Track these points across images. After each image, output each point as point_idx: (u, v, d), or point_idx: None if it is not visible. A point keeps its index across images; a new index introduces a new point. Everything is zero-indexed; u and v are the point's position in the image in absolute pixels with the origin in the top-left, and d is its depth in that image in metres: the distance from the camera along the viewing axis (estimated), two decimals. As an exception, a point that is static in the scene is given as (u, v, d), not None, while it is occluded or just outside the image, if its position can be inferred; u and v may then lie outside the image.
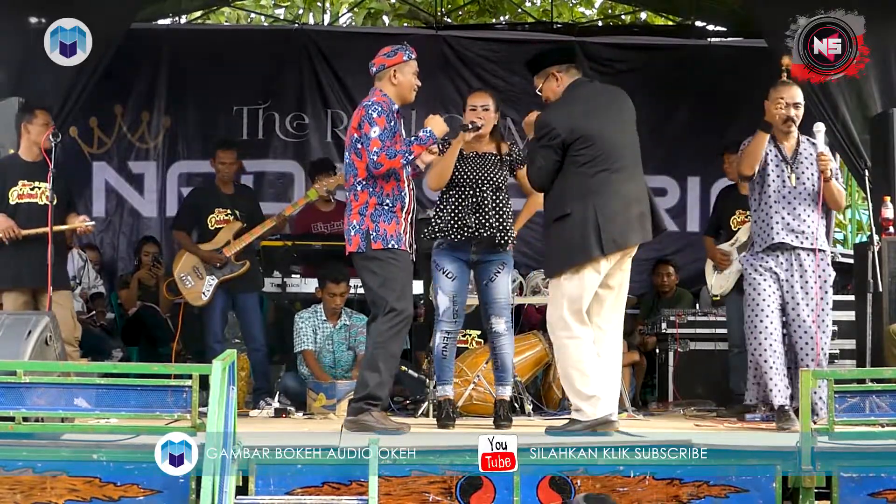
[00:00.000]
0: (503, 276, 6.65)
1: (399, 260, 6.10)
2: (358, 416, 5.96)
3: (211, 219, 8.05)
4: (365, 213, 6.08)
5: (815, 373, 5.31)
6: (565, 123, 5.90)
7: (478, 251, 6.61)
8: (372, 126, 6.00)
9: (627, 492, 5.12)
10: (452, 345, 6.69)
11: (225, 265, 7.95)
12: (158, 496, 4.98)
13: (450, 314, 6.62)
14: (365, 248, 6.08)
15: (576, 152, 5.89)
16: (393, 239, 6.07)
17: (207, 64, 10.22)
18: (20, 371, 5.02)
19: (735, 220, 7.90)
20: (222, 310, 8.02)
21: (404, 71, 6.23)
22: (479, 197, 6.57)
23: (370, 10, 13.13)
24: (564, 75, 6.10)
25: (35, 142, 7.10)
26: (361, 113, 6.09)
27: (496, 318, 6.65)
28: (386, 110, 6.06)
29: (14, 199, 7.11)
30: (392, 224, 6.08)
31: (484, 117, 6.64)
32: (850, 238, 11.67)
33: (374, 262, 6.08)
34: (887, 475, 5.14)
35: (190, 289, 7.99)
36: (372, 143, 5.99)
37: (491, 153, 6.69)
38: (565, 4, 12.77)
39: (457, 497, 5.09)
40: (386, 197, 6.10)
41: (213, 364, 4.81)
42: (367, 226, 6.07)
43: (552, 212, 5.99)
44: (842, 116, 7.92)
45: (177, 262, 8.09)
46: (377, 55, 6.28)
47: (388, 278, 6.05)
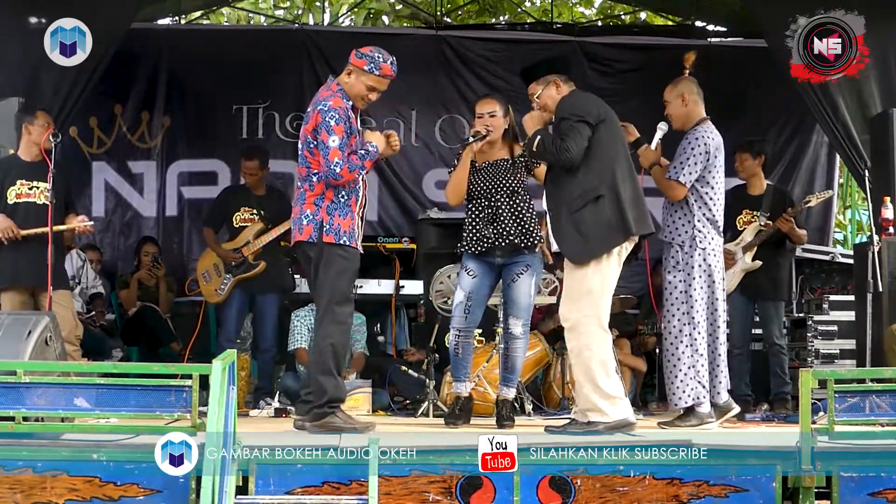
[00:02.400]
0: (525, 278, 6.60)
1: (347, 257, 6.04)
2: (323, 420, 5.89)
3: (236, 217, 8.14)
4: (320, 205, 6.01)
5: (815, 373, 5.30)
6: (594, 105, 6.00)
7: (503, 255, 6.60)
8: (330, 135, 5.90)
9: (627, 492, 5.13)
10: (465, 342, 6.65)
11: (241, 264, 7.99)
12: (158, 496, 4.98)
13: (461, 310, 6.59)
14: (316, 240, 5.99)
15: (605, 133, 5.96)
16: (345, 235, 6.00)
17: (207, 64, 10.22)
18: (20, 371, 5.02)
19: (741, 219, 7.91)
20: (239, 310, 8.07)
21: (360, 78, 6.05)
22: (494, 207, 6.57)
23: (370, 10, 13.13)
24: (564, 85, 6.16)
25: (35, 142, 7.11)
26: (318, 118, 5.97)
27: (514, 319, 6.62)
28: (343, 116, 5.95)
29: (12, 199, 7.11)
30: (347, 219, 6.01)
31: (491, 124, 6.61)
32: (850, 238, 11.68)
33: (322, 255, 6.02)
34: (887, 475, 5.15)
35: (207, 285, 8.13)
36: (332, 153, 5.90)
37: (503, 159, 6.66)
38: (565, 4, 12.77)
39: (457, 497, 5.09)
40: (342, 189, 6.02)
41: (213, 364, 4.81)
42: (321, 217, 5.99)
43: (579, 197, 5.96)
44: (842, 116, 7.92)
45: (201, 260, 8.31)
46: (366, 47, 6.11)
47: (334, 275, 5.99)
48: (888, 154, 7.48)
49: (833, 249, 9.24)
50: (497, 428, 6.47)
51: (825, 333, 8.15)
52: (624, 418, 5.90)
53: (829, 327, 8.15)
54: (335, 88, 6.06)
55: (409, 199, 10.44)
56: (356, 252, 6.09)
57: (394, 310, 8.77)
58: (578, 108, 6.00)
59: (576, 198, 5.97)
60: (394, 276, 8.69)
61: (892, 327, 7.03)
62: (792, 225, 7.76)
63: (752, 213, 7.84)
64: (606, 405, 5.89)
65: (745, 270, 7.77)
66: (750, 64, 9.94)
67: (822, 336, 8.15)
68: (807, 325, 8.16)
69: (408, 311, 9.20)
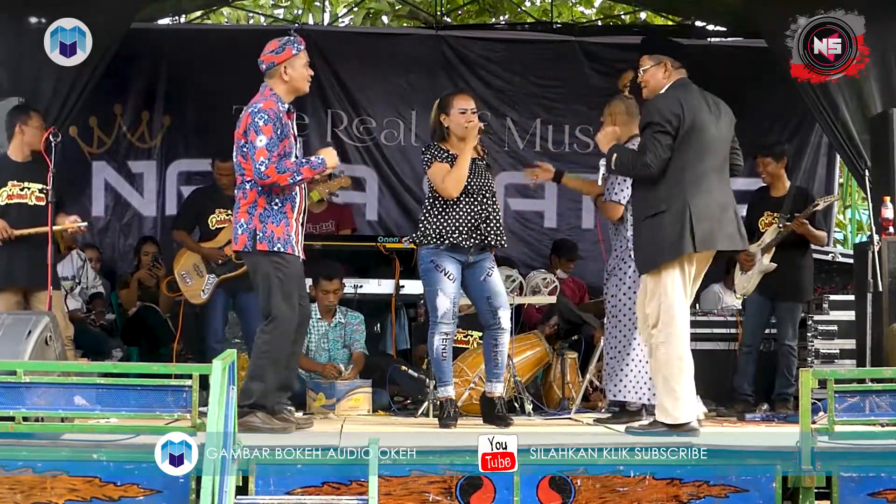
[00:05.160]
0: (496, 271, 6.74)
1: (284, 264, 6.00)
2: (243, 418, 5.82)
3: (212, 219, 8.03)
4: (253, 213, 5.99)
5: (815, 372, 5.31)
6: (678, 110, 5.86)
7: (474, 253, 6.62)
8: (258, 135, 5.89)
9: (627, 492, 5.12)
10: (450, 346, 6.68)
11: (225, 263, 7.94)
12: (158, 496, 4.98)
13: (450, 316, 6.61)
14: (251, 248, 5.99)
15: (684, 143, 5.85)
16: (280, 241, 5.97)
17: (207, 64, 10.21)
18: (20, 371, 5.02)
19: (763, 221, 7.94)
20: (223, 309, 8.02)
21: (295, 65, 6.10)
22: (485, 204, 6.63)
23: (370, 10, 13.12)
24: (674, 71, 6.05)
25: (28, 143, 7.11)
26: (248, 119, 5.97)
27: (503, 310, 6.65)
28: (273, 118, 5.93)
29: (3, 200, 7.11)
30: (281, 225, 5.98)
31: (474, 120, 6.64)
32: (850, 238, 11.67)
33: (258, 264, 6.01)
34: (887, 475, 5.15)
35: (189, 287, 7.99)
36: (258, 152, 5.88)
37: (479, 159, 6.75)
38: (565, 4, 12.74)
39: (457, 497, 5.08)
40: (275, 196, 5.99)
41: (213, 364, 4.81)
42: (254, 225, 5.98)
43: (645, 209, 5.93)
44: (842, 116, 7.91)
45: (177, 261, 8.10)
46: (264, 51, 6.14)
47: (271, 283, 5.97)
48: (888, 154, 7.48)
49: (833, 249, 9.23)
50: (498, 427, 6.46)
51: (825, 333, 8.14)
52: (688, 422, 5.79)
53: (829, 327, 8.15)
54: (268, 94, 6.05)
55: (409, 199, 10.43)
56: (294, 258, 6.05)
57: (394, 310, 8.77)
58: (660, 114, 5.86)
59: (643, 209, 5.95)
60: (394, 276, 8.69)
61: (892, 327, 7.02)
62: (807, 227, 7.75)
63: (772, 215, 7.85)
64: (673, 406, 5.79)
65: (762, 272, 7.78)
66: (750, 64, 9.94)
67: (822, 336, 8.14)
68: (807, 324, 8.16)
69: (408, 311, 9.20)
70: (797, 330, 7.93)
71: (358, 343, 8.20)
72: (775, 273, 7.76)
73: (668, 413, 5.78)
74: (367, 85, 10.51)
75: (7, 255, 7.03)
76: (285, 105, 6.07)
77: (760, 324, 7.96)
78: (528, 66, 10.51)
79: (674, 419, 5.75)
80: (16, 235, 7.00)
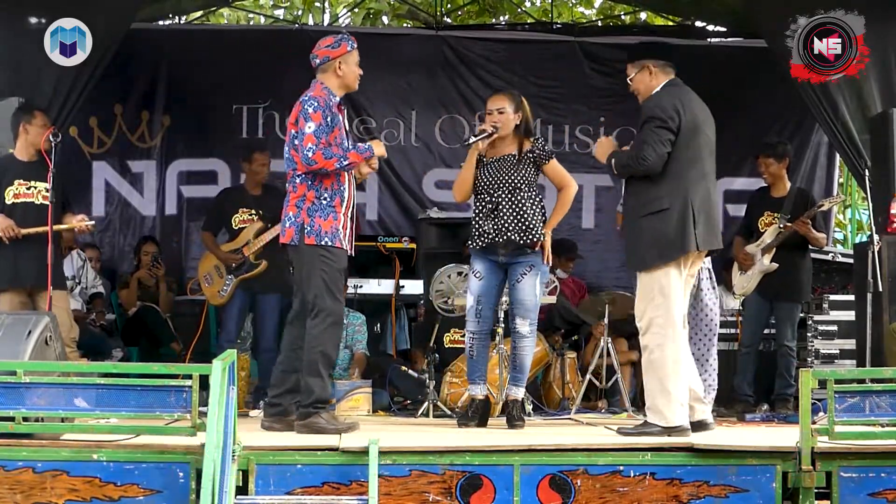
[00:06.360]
0: (529, 278, 6.58)
1: (331, 257, 6.02)
2: (307, 419, 5.88)
3: (235, 218, 8.15)
4: (301, 207, 6.01)
5: (816, 373, 5.30)
6: (679, 107, 5.84)
7: (505, 253, 6.59)
8: (307, 122, 5.94)
9: (627, 492, 5.13)
10: (479, 345, 6.65)
11: (242, 265, 8.00)
12: (158, 496, 4.98)
13: (473, 314, 6.62)
14: (298, 242, 6.01)
15: (684, 141, 5.82)
16: (327, 236, 5.99)
17: (207, 64, 10.21)
18: (20, 371, 5.02)
19: (763, 221, 7.95)
20: (240, 310, 8.08)
21: (349, 61, 6.16)
22: (494, 202, 6.56)
23: (369, 10, 13.12)
24: (659, 72, 6.02)
25: (32, 142, 7.11)
26: (299, 108, 6.03)
27: (520, 319, 6.62)
28: (323, 105, 5.99)
29: (10, 199, 7.11)
30: (328, 220, 6.00)
31: (500, 120, 6.60)
32: (850, 238, 11.67)
33: (305, 257, 6.02)
34: (887, 475, 5.15)
35: (210, 287, 8.15)
36: (306, 138, 5.92)
37: (510, 155, 6.63)
38: (565, 4, 12.75)
39: (457, 497, 5.08)
40: (324, 191, 6.02)
41: (213, 364, 4.81)
42: (302, 219, 6.00)
43: (644, 206, 5.88)
44: (842, 116, 7.91)
45: (202, 263, 8.30)
46: (318, 46, 6.19)
47: (318, 276, 5.98)
48: (888, 154, 7.48)
49: (833, 249, 9.24)
50: (508, 428, 6.47)
51: (825, 333, 8.15)
52: (680, 424, 5.72)
53: (829, 327, 8.16)
54: (319, 87, 6.11)
55: (409, 199, 10.44)
56: (341, 252, 6.07)
57: (394, 310, 8.78)
58: (662, 110, 5.84)
59: (641, 206, 5.89)
60: (394, 276, 8.69)
61: (892, 327, 7.03)
62: (808, 227, 7.75)
63: (773, 215, 7.86)
64: (667, 409, 5.73)
65: (762, 272, 7.78)
66: (750, 64, 9.94)
67: (822, 336, 8.15)
68: (807, 324, 8.16)
69: (408, 311, 9.21)
70: (796, 330, 7.93)
71: (359, 344, 8.20)
72: (774, 274, 7.77)
73: (662, 415, 5.74)
74: (366, 85, 10.39)
75: (13, 255, 7.02)
76: (336, 98, 6.09)
77: (760, 324, 7.97)
78: (528, 66, 10.50)
79: (667, 421, 5.71)
80: (23, 234, 7.00)
